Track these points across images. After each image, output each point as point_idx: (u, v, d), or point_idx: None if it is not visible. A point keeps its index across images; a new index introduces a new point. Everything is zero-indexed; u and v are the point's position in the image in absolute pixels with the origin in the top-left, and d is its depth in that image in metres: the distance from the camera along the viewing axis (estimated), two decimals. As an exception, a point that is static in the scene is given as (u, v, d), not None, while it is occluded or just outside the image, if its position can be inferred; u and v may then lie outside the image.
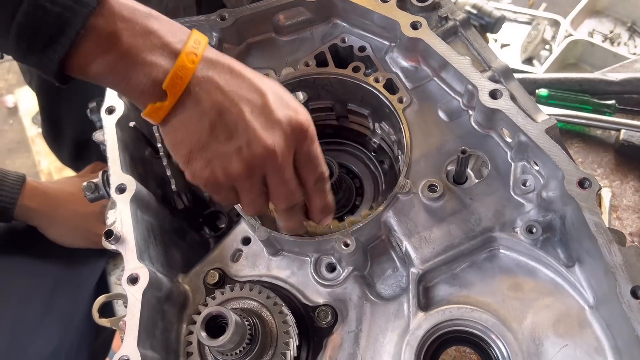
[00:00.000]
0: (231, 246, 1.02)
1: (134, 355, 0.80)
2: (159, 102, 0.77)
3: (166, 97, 0.77)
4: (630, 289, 0.77)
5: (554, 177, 0.88)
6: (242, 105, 0.79)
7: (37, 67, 0.77)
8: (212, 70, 0.79)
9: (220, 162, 0.80)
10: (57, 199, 1.41)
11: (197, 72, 0.77)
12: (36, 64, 0.76)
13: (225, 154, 0.80)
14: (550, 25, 3.00)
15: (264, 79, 0.84)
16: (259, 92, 0.81)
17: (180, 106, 0.78)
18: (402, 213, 0.95)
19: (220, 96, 0.78)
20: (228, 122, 0.79)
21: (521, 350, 0.85)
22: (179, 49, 0.77)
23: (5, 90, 3.80)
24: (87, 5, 0.72)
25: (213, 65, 0.79)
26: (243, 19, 1.11)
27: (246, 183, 0.83)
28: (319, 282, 0.96)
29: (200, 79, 0.78)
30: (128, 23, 0.75)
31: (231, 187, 0.84)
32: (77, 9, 0.71)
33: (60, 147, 1.83)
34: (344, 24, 1.15)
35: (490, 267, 0.93)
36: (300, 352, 0.90)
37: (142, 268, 0.87)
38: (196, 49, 0.78)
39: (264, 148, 0.79)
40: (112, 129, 1.02)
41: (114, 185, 0.95)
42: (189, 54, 0.77)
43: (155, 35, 0.76)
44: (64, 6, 0.71)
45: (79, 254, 1.44)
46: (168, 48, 0.77)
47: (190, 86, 0.77)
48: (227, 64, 0.81)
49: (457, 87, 1.03)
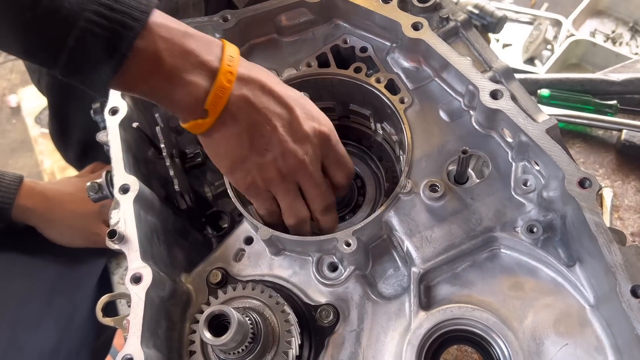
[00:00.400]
0: (234, 246, 1.03)
1: (138, 353, 0.81)
2: (201, 119, 0.86)
3: (207, 114, 0.85)
4: (630, 288, 0.77)
5: (555, 177, 0.88)
6: (274, 121, 0.89)
7: (82, 84, 0.82)
8: (245, 88, 0.87)
9: (259, 171, 0.92)
10: (55, 198, 1.42)
11: (234, 92, 0.85)
12: (81, 82, 0.81)
13: (263, 164, 0.91)
14: (552, 25, 3.00)
15: (289, 92, 0.93)
16: (287, 107, 0.90)
17: (219, 123, 0.87)
18: (404, 213, 0.96)
19: (255, 114, 0.88)
20: (264, 136, 0.89)
21: (522, 349, 0.85)
22: (216, 67, 0.84)
23: (8, 90, 3.81)
24: (133, 29, 0.77)
25: (246, 82, 0.87)
26: (245, 20, 1.12)
27: (282, 187, 0.94)
28: (321, 281, 0.97)
29: (237, 98, 0.86)
30: (167, 43, 0.81)
31: (269, 193, 0.96)
32: (124, 33, 0.76)
33: (67, 145, 1.84)
34: (346, 25, 1.16)
35: (491, 267, 0.94)
36: (302, 351, 0.91)
37: (146, 267, 0.88)
38: (231, 67, 0.85)
39: (295, 158, 0.91)
40: (116, 129, 1.03)
41: (117, 186, 0.96)
42: (225, 73, 0.84)
43: (193, 54, 0.83)
44: (112, 31, 0.76)
45: (78, 254, 1.45)
46: (206, 67, 0.84)
47: (229, 105, 0.85)
48: (259, 80, 0.89)
49: (458, 87, 1.03)
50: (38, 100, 3.61)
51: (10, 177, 1.34)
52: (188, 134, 1.16)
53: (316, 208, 0.99)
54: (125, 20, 0.76)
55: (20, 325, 1.29)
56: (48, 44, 0.76)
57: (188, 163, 1.15)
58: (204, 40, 0.86)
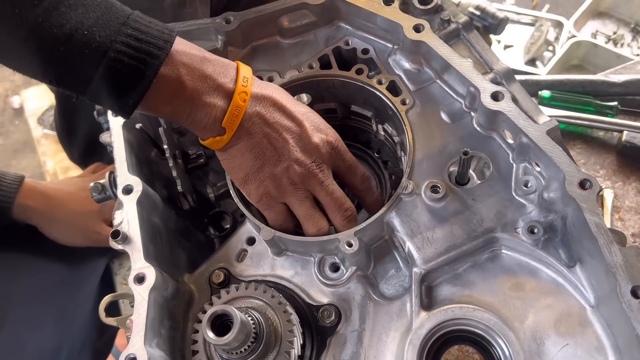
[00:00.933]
0: (236, 246, 1.03)
1: (141, 353, 0.81)
2: (219, 136, 0.93)
3: (224, 131, 0.92)
4: (631, 288, 0.78)
5: (555, 178, 0.89)
6: (285, 134, 0.95)
7: (109, 107, 0.90)
8: (259, 106, 0.93)
9: (272, 181, 0.96)
10: (56, 198, 1.43)
11: (248, 109, 0.92)
12: (110, 106, 0.89)
13: (275, 175, 0.96)
14: (553, 27, 3.01)
15: (299, 107, 0.99)
16: (297, 121, 0.96)
17: (235, 138, 0.93)
18: (405, 214, 0.96)
19: (267, 128, 0.94)
20: (276, 149, 0.95)
21: (523, 350, 0.86)
22: (232, 88, 0.91)
23: (11, 92, 3.82)
24: (158, 58, 0.84)
25: (259, 100, 0.94)
26: (248, 22, 1.12)
27: (296, 197, 0.97)
28: (323, 281, 0.97)
29: (251, 115, 0.92)
30: (188, 69, 0.88)
31: (282, 205, 0.99)
32: (150, 62, 0.83)
33: (73, 141, 1.85)
34: (348, 27, 1.16)
35: (492, 267, 0.94)
36: (304, 351, 0.91)
37: (149, 267, 0.88)
38: (245, 87, 0.92)
39: (306, 167, 0.95)
40: (119, 130, 1.04)
41: (120, 186, 0.96)
42: (240, 93, 0.91)
43: (211, 78, 0.90)
44: (140, 60, 0.82)
45: (80, 253, 1.46)
46: (223, 89, 0.91)
47: (244, 121, 0.92)
48: (271, 97, 0.95)
49: (459, 89, 1.04)
50: (41, 101, 3.62)
51: (11, 177, 1.35)
52: (190, 135, 1.17)
53: (334, 217, 1.00)
54: (151, 50, 0.83)
55: (23, 324, 1.30)
56: (80, 74, 0.82)
57: (190, 164, 1.16)
58: (220, 63, 0.93)
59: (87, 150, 1.82)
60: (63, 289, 1.39)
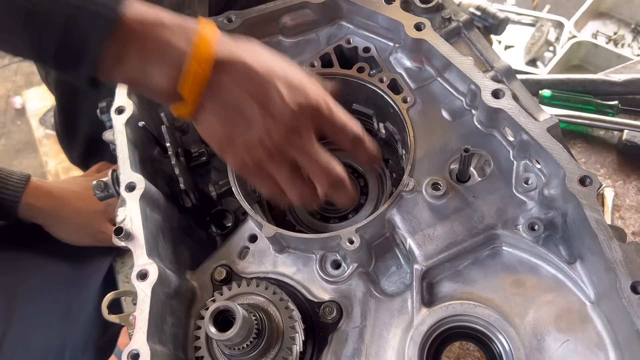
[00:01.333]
0: (238, 244, 1.04)
1: (144, 349, 0.82)
2: (179, 102, 0.86)
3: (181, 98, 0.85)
4: (630, 284, 0.78)
5: (556, 175, 0.89)
6: (255, 101, 0.87)
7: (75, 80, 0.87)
8: (224, 71, 0.86)
9: (247, 151, 0.90)
10: (62, 197, 1.43)
11: (211, 75, 0.85)
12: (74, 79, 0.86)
13: (249, 144, 0.90)
14: (554, 27, 3.01)
15: (274, 67, 0.90)
16: (270, 84, 0.88)
17: (201, 107, 0.88)
18: (406, 211, 0.97)
19: (235, 95, 0.87)
20: (246, 118, 0.88)
21: (523, 346, 0.86)
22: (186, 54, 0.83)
23: (13, 92, 3.83)
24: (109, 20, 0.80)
25: (225, 66, 0.86)
26: (250, 21, 1.13)
27: (273, 166, 0.92)
28: (324, 278, 0.97)
29: (215, 82, 0.86)
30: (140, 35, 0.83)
31: (264, 172, 0.93)
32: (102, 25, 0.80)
33: (73, 142, 1.85)
34: (349, 26, 1.17)
35: (493, 264, 0.95)
36: (305, 347, 0.92)
37: (152, 264, 0.89)
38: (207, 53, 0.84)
39: (281, 135, 0.89)
40: (122, 128, 1.04)
41: (123, 184, 0.97)
42: (199, 61, 0.84)
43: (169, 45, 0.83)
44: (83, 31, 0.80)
45: (85, 252, 1.46)
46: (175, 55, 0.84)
47: (208, 90, 0.85)
48: (239, 60, 0.87)
49: (460, 87, 1.04)
50: (42, 102, 3.63)
51: (17, 176, 1.35)
52: (193, 133, 1.18)
53: (320, 183, 0.94)
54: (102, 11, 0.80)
55: (28, 322, 1.31)
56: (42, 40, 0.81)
57: (193, 162, 1.17)
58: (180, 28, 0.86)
59: (87, 152, 1.82)
60: (68, 288, 1.40)
